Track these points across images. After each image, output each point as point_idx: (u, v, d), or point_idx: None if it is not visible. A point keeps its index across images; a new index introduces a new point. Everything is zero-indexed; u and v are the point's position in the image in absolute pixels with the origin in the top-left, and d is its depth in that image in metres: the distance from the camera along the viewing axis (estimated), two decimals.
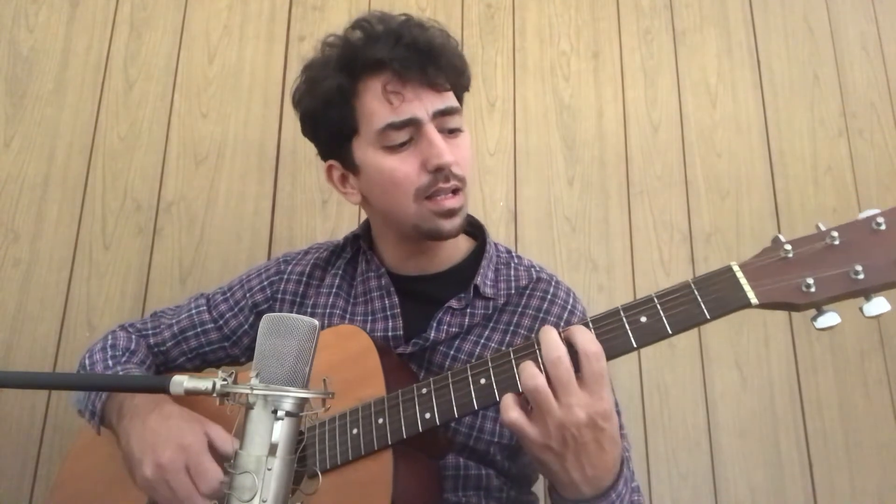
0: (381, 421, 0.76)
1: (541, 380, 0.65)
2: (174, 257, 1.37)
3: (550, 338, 0.66)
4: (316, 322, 0.56)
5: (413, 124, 0.85)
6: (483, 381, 0.72)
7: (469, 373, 0.74)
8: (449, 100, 0.89)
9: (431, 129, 0.85)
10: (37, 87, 1.42)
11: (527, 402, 0.68)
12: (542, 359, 0.66)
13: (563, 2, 1.64)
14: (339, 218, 1.43)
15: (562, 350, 0.65)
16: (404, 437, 0.75)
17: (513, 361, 0.72)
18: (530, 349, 0.71)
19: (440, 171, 0.85)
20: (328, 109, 0.90)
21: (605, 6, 1.65)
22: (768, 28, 1.69)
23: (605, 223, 1.51)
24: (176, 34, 1.49)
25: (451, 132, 0.89)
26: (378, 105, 0.86)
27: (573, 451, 0.65)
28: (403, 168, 0.86)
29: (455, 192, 0.87)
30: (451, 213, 0.87)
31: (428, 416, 0.74)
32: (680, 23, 1.67)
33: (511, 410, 0.67)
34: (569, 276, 1.45)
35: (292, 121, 1.47)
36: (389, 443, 0.75)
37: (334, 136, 0.92)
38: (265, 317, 0.56)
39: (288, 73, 1.50)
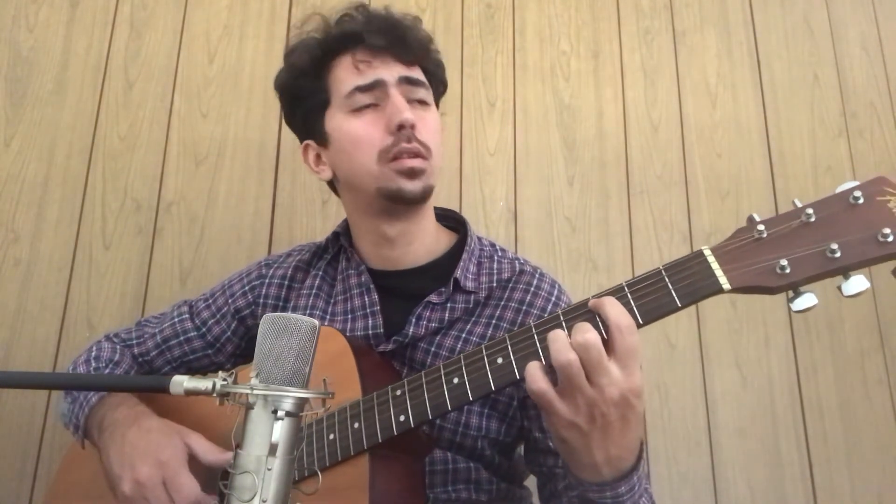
0: (356, 425, 0.76)
1: (573, 354, 0.61)
2: (174, 257, 1.37)
3: (579, 325, 0.62)
4: (316, 322, 0.56)
5: (379, 87, 0.89)
6: (456, 380, 0.71)
7: (442, 372, 0.73)
8: (415, 72, 0.93)
9: (395, 92, 0.89)
10: (37, 87, 1.42)
11: (552, 372, 0.64)
12: (571, 341, 0.61)
13: (563, 2, 1.64)
14: (339, 218, 1.41)
15: (590, 332, 0.61)
16: (380, 440, 0.74)
17: (485, 358, 0.70)
18: (524, 338, 0.69)
19: (402, 130, 0.86)
20: (302, 80, 0.94)
21: (605, 6, 1.65)
22: (768, 28, 1.69)
23: (605, 223, 1.51)
24: (176, 34, 1.49)
25: (419, 103, 0.92)
26: (347, 73, 0.91)
27: (600, 428, 0.62)
28: (367, 129, 0.88)
29: (417, 155, 0.88)
30: (412, 173, 0.87)
31: (402, 418, 0.73)
32: (680, 23, 1.67)
33: (539, 381, 0.63)
34: (569, 276, 1.45)
35: None
36: (365, 447, 0.75)
37: (308, 111, 0.95)
38: (265, 317, 0.56)
39: None
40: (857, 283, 0.61)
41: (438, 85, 0.99)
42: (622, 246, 1.50)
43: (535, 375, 0.63)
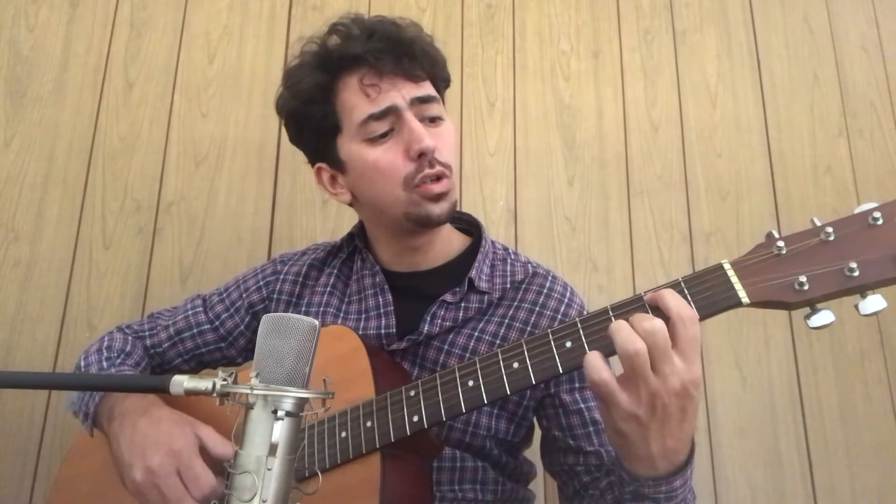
0: (369, 424, 0.76)
1: (641, 343, 0.60)
2: (174, 257, 1.37)
3: (640, 315, 0.63)
4: (316, 322, 0.56)
5: (392, 113, 0.87)
6: (471, 382, 0.71)
7: (457, 374, 0.73)
8: (426, 88, 0.90)
9: (410, 116, 0.87)
10: (37, 87, 1.42)
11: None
12: (633, 327, 0.61)
13: (563, 2, 1.64)
14: (339, 218, 1.43)
15: (656, 319, 0.61)
16: (392, 440, 0.74)
17: (501, 362, 0.70)
18: (540, 343, 0.69)
19: (423, 157, 0.85)
20: (310, 108, 0.91)
21: (605, 6, 1.65)
22: (768, 28, 1.69)
23: (605, 223, 1.51)
24: (176, 34, 1.49)
25: (432, 120, 0.90)
26: (357, 99, 0.88)
27: (659, 420, 0.62)
28: (387, 157, 0.87)
29: (440, 178, 0.87)
30: (438, 197, 0.87)
31: (416, 418, 0.74)
32: (680, 23, 1.67)
33: (602, 371, 0.62)
34: (569, 276, 1.45)
35: None
36: (377, 446, 0.75)
37: (319, 136, 0.93)
38: (265, 317, 0.56)
39: None
40: (874, 302, 0.62)
41: (442, 84, 0.97)
42: (622, 246, 1.50)
43: (598, 365, 0.62)
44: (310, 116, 0.92)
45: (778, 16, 1.70)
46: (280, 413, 0.52)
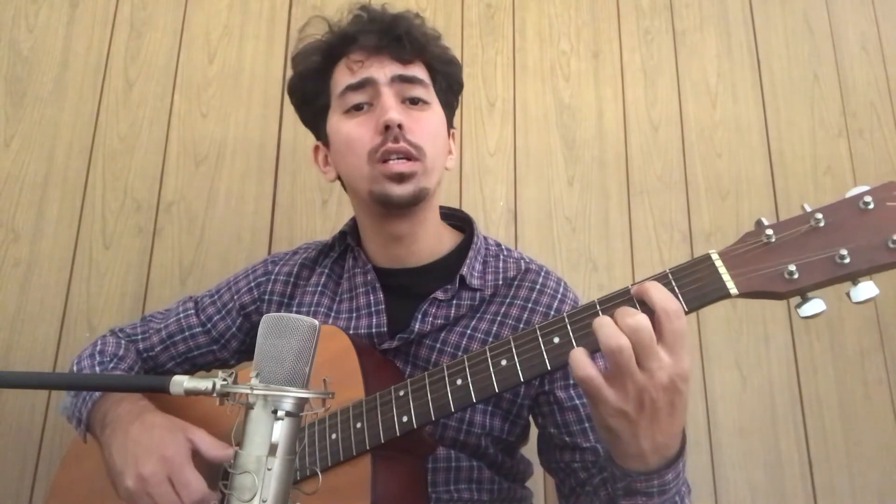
0: (359, 425, 0.76)
1: (624, 339, 0.59)
2: (174, 257, 1.37)
3: (624, 310, 0.61)
4: (316, 322, 0.55)
5: (370, 85, 0.89)
6: (459, 381, 0.71)
7: (445, 373, 0.72)
8: (413, 70, 0.91)
9: (386, 91, 0.88)
10: (37, 87, 1.42)
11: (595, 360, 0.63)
12: (617, 324, 0.60)
13: (563, 2, 1.64)
14: (339, 218, 1.43)
15: (640, 314, 0.60)
16: (382, 441, 0.74)
17: (489, 359, 0.70)
18: (528, 340, 0.68)
19: (389, 131, 0.85)
20: (306, 84, 0.96)
21: (605, 6, 1.65)
22: (768, 28, 1.69)
23: (605, 223, 1.51)
24: (176, 34, 1.49)
25: (414, 102, 0.90)
26: (342, 75, 0.91)
27: (648, 415, 0.61)
28: (358, 130, 0.88)
29: (407, 158, 0.86)
30: (400, 178, 0.85)
31: (405, 419, 0.73)
32: (680, 23, 1.67)
33: (587, 367, 0.61)
34: (569, 276, 1.45)
35: (292, 121, 1.47)
36: (367, 447, 0.74)
37: (315, 115, 0.97)
38: (265, 317, 0.56)
39: (288, 73, 1.49)
40: (865, 289, 0.60)
41: (444, 81, 0.96)
42: (622, 246, 1.50)
43: (583, 361, 0.61)
44: (306, 93, 0.96)
45: (778, 16, 1.70)
46: (280, 413, 0.52)
